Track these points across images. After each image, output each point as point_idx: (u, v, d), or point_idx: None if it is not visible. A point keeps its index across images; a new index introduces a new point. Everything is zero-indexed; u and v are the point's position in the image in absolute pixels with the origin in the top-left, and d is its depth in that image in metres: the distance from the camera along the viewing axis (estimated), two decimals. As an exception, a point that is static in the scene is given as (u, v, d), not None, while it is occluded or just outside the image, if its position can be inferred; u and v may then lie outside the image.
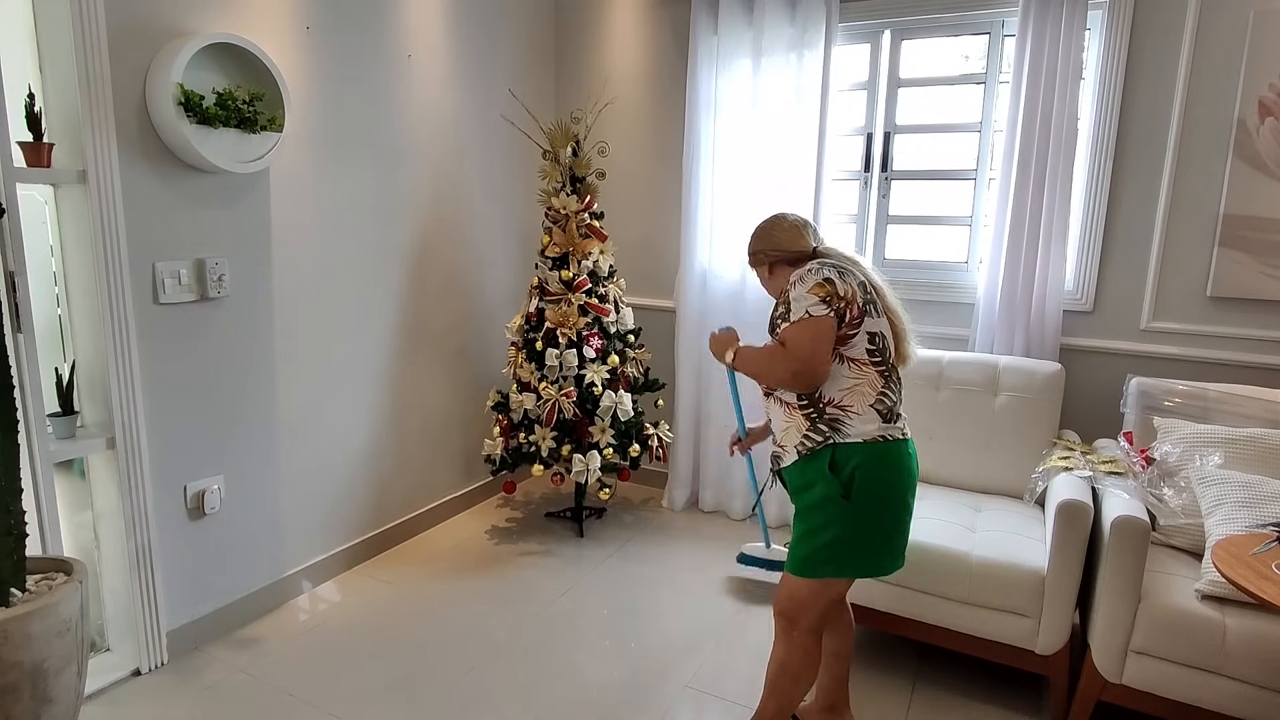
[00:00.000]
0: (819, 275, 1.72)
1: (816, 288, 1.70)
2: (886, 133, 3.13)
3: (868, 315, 1.73)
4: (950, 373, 2.68)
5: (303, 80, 2.54)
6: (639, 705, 2.20)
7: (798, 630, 1.81)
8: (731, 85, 3.21)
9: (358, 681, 2.27)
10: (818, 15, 3.00)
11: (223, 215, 2.36)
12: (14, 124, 1.89)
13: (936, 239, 3.14)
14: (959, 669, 2.38)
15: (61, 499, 2.11)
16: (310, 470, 2.75)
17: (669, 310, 3.62)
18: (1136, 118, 2.67)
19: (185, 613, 2.39)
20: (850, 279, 1.73)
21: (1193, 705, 1.92)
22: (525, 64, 3.55)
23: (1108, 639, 1.98)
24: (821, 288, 1.70)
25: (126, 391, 2.14)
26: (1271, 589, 1.49)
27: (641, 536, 3.28)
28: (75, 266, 2.10)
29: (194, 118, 2.13)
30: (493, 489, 3.68)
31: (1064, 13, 2.62)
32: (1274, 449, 2.14)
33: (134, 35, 2.08)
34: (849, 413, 1.72)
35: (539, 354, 3.08)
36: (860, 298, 1.72)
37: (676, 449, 3.52)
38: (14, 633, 1.60)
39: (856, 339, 1.72)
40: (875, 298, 1.78)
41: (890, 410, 1.74)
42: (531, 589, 2.82)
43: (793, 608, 1.81)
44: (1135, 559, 1.91)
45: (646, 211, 3.63)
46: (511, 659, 2.40)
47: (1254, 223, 2.53)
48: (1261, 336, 2.57)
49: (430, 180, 3.11)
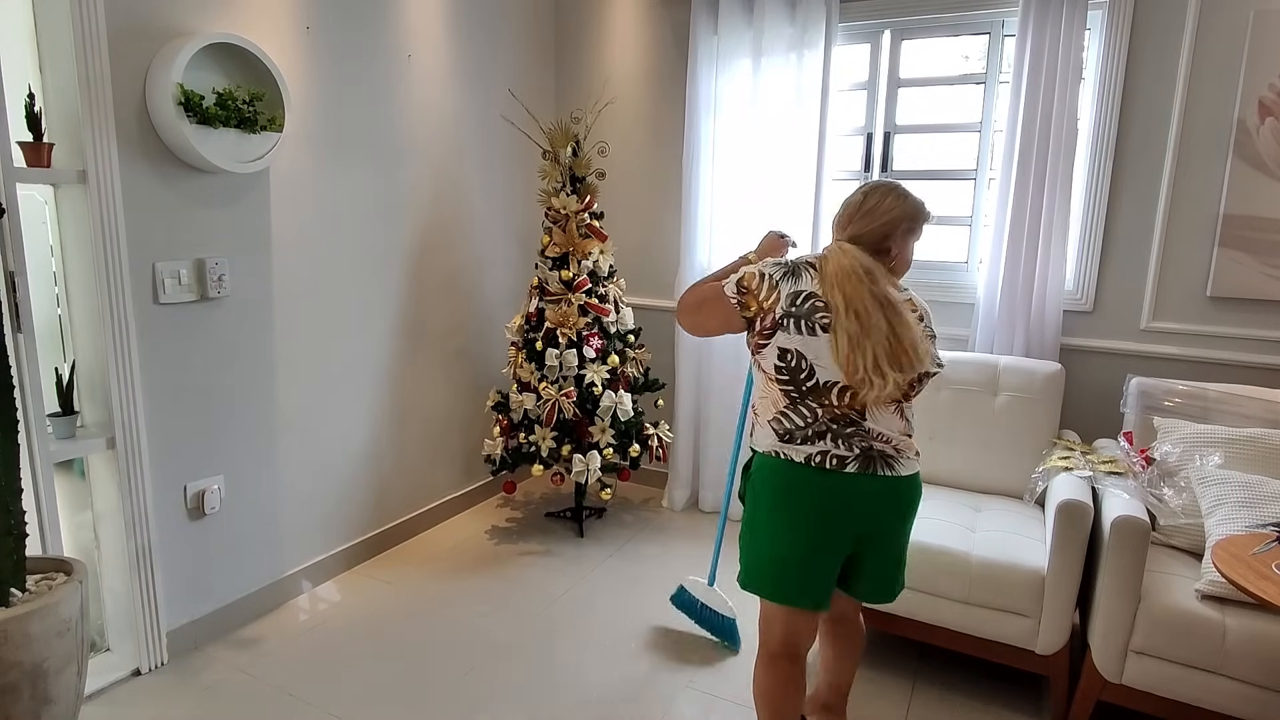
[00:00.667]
0: (762, 266, 1.65)
1: (748, 275, 1.64)
2: (886, 133, 3.13)
3: (782, 329, 1.58)
4: (950, 373, 2.68)
5: (303, 80, 2.54)
6: (639, 705, 2.19)
7: (766, 651, 1.72)
8: (731, 85, 3.21)
9: (358, 681, 2.27)
10: (818, 15, 3.00)
11: (223, 215, 2.36)
12: (14, 124, 1.89)
13: (936, 239, 3.14)
14: (959, 669, 2.38)
15: (61, 499, 2.11)
16: (310, 470, 2.75)
17: (669, 310, 3.62)
18: (1136, 118, 2.67)
19: (185, 613, 2.39)
20: (787, 285, 1.59)
21: (1193, 705, 1.92)
22: (525, 64, 3.55)
23: (1108, 639, 1.98)
24: (751, 277, 1.64)
25: (126, 391, 2.14)
26: (1271, 589, 1.49)
27: (641, 536, 3.28)
28: (75, 266, 2.10)
29: (194, 118, 2.13)
30: (493, 489, 3.68)
31: (1064, 13, 2.62)
32: (1274, 449, 2.14)
33: (134, 35, 2.08)
34: (759, 419, 1.67)
35: (539, 354, 3.08)
36: (781, 309, 1.58)
37: (676, 449, 3.52)
38: (14, 633, 1.60)
39: (766, 350, 1.61)
40: (812, 314, 1.56)
41: (790, 432, 1.59)
42: (531, 589, 2.82)
43: (760, 625, 1.74)
44: (1135, 559, 1.91)
45: (646, 211, 3.63)
46: (511, 659, 2.40)
47: (1254, 223, 2.53)
48: (1261, 336, 2.57)
49: (430, 180, 3.11)
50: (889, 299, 1.56)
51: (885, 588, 1.75)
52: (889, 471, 1.60)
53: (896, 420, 1.62)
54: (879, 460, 1.60)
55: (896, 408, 1.62)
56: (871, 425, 1.59)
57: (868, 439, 1.59)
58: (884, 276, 1.59)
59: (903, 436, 1.63)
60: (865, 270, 1.57)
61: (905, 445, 1.64)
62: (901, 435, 1.63)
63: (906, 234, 1.65)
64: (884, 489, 1.61)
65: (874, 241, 1.63)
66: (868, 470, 1.59)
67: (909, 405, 1.65)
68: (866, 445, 1.59)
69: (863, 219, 1.64)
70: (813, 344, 1.56)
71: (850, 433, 1.58)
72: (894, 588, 1.76)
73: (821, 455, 1.58)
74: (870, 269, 1.58)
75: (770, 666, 1.72)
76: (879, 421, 1.60)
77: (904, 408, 1.64)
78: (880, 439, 1.60)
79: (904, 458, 1.63)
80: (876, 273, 1.58)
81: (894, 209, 1.63)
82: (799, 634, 1.69)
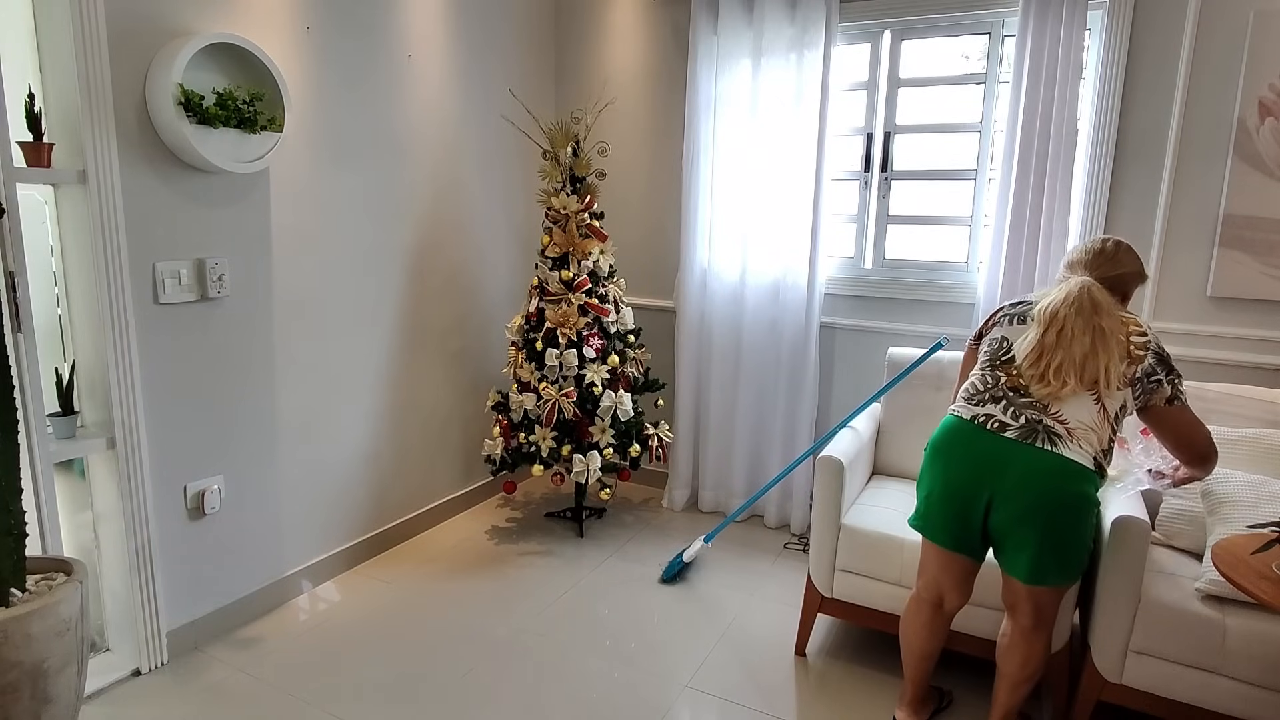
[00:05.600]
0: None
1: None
2: (886, 133, 3.13)
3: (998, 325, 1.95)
4: (951, 373, 2.68)
5: (303, 80, 2.54)
6: (639, 705, 2.20)
7: (914, 592, 2.03)
8: (731, 85, 3.21)
9: (358, 681, 2.27)
10: (818, 15, 3.00)
11: (223, 215, 2.36)
12: (14, 124, 1.89)
13: (936, 239, 3.14)
14: (959, 669, 2.38)
15: (61, 499, 2.11)
16: (310, 470, 2.75)
17: (669, 310, 3.62)
18: (1136, 118, 2.67)
19: (185, 613, 2.39)
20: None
21: (1193, 705, 1.92)
22: (525, 64, 3.55)
23: (1108, 639, 1.98)
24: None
25: (126, 391, 2.14)
26: (1271, 589, 1.49)
27: (641, 537, 3.28)
28: (75, 266, 2.10)
29: (194, 118, 2.13)
30: (493, 489, 3.68)
31: (1064, 13, 2.62)
32: (1274, 449, 2.14)
33: (134, 35, 2.08)
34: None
35: (539, 354, 3.08)
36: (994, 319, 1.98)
37: (676, 449, 3.52)
38: (14, 633, 1.60)
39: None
40: (1011, 316, 1.93)
41: (966, 392, 1.91)
42: (531, 589, 2.82)
43: (919, 568, 2.03)
44: (1135, 559, 1.91)
45: (646, 211, 3.63)
46: (511, 659, 2.40)
47: (1254, 223, 2.53)
48: (1261, 336, 2.57)
49: (430, 180, 3.11)
50: (1102, 330, 1.77)
51: (1028, 563, 1.78)
52: (1050, 447, 1.74)
53: (1087, 412, 1.76)
54: (1043, 433, 1.76)
55: (1096, 400, 1.76)
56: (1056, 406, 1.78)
57: (1040, 413, 1.78)
58: (1110, 316, 1.79)
59: (1084, 426, 1.75)
60: (1094, 304, 1.79)
61: (1082, 433, 1.75)
62: (1082, 424, 1.75)
63: (1137, 287, 1.93)
64: (1038, 460, 1.74)
65: (1116, 285, 1.88)
66: (1028, 440, 1.76)
67: (1105, 405, 1.77)
68: (1037, 418, 1.77)
69: (1112, 263, 1.89)
70: (1000, 331, 1.92)
71: (1024, 403, 1.80)
72: (1037, 569, 1.77)
73: (966, 405, 1.87)
74: (1099, 305, 1.79)
75: (911, 605, 2.03)
76: (1067, 406, 1.77)
77: (1105, 406, 1.77)
78: (1056, 417, 1.76)
79: (1073, 442, 1.75)
80: (1104, 310, 1.79)
81: (1135, 262, 1.90)
82: (938, 579, 1.95)
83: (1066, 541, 1.75)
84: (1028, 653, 1.86)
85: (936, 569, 1.95)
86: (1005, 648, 1.90)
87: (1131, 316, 1.81)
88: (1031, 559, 1.76)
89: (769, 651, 2.47)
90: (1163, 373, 1.77)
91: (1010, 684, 1.89)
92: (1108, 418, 1.76)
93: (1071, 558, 1.76)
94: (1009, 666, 1.89)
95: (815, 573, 2.40)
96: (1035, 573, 1.77)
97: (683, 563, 2.91)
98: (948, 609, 1.98)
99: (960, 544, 1.87)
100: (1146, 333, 1.79)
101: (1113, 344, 1.75)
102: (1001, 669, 1.91)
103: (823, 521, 2.35)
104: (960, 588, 1.94)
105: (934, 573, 1.95)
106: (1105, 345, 1.75)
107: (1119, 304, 1.86)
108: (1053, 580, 1.78)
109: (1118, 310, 1.81)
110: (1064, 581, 1.78)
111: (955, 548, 1.88)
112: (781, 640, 2.53)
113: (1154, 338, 1.79)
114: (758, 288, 3.27)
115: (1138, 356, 1.76)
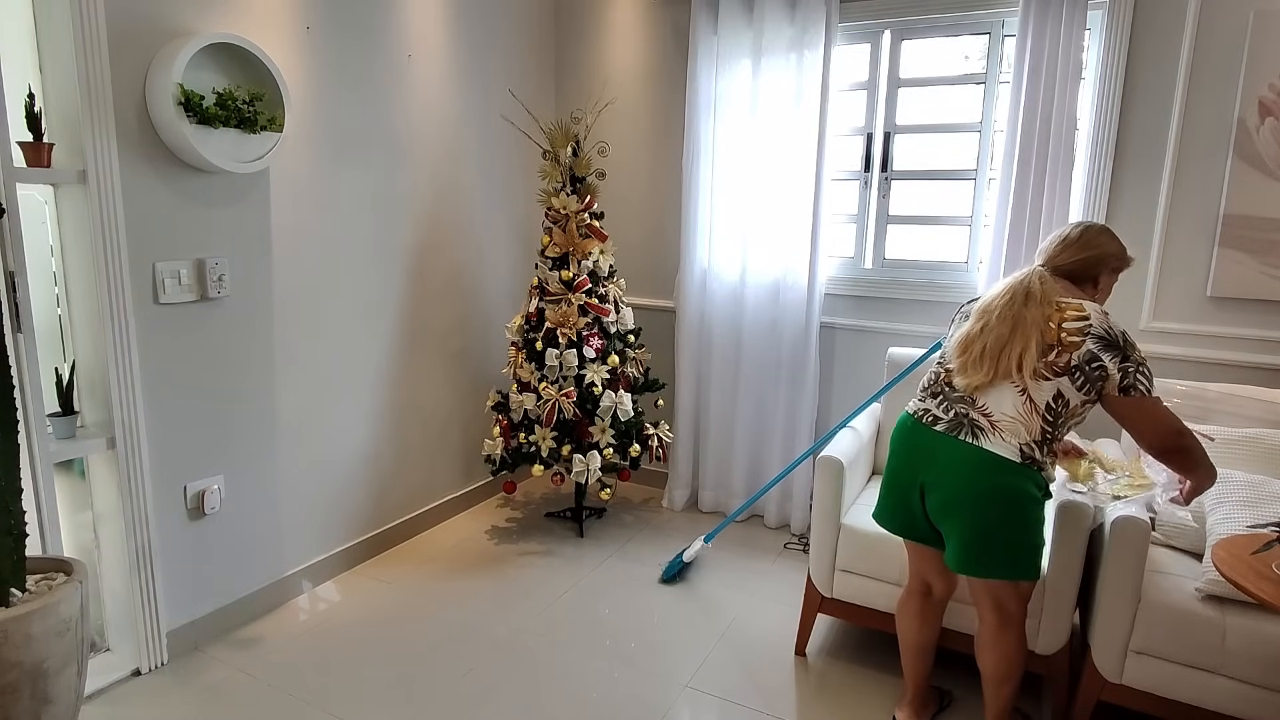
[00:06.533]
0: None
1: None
2: (886, 133, 3.13)
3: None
4: (950, 373, 2.68)
5: (303, 80, 2.54)
6: (639, 705, 2.20)
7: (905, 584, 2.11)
8: (731, 85, 3.21)
9: (358, 681, 2.27)
10: (818, 15, 3.00)
11: (223, 215, 2.36)
12: (14, 124, 1.89)
13: (936, 239, 3.14)
14: (959, 669, 2.38)
15: (61, 499, 2.11)
16: (310, 470, 2.75)
17: (669, 310, 3.62)
18: (1136, 118, 2.67)
19: (185, 613, 2.39)
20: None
21: (1193, 705, 1.92)
22: (525, 64, 3.55)
23: (1108, 639, 1.98)
24: None
25: (126, 391, 2.14)
26: (1271, 589, 1.49)
27: (641, 536, 3.28)
28: (75, 266, 2.10)
29: (194, 118, 2.13)
30: (493, 489, 3.68)
31: (1064, 13, 2.62)
32: (1274, 449, 2.14)
33: (134, 35, 2.08)
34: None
35: (539, 354, 3.08)
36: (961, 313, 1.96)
37: (676, 449, 3.52)
38: (14, 633, 1.60)
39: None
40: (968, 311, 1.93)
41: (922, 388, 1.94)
42: (531, 589, 2.82)
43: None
44: (1135, 559, 1.91)
45: (646, 211, 3.63)
46: (511, 659, 2.40)
47: (1254, 223, 2.53)
48: (1261, 336, 2.57)
49: (430, 180, 3.11)
50: (1022, 317, 1.74)
51: (955, 552, 1.82)
52: (972, 440, 1.76)
53: (1010, 403, 1.74)
54: (968, 426, 1.77)
55: (1021, 392, 1.73)
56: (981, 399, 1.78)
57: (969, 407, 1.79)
58: (1041, 304, 1.75)
59: (1007, 418, 1.74)
60: (1026, 293, 1.76)
61: (1006, 425, 1.73)
62: (1006, 416, 1.74)
63: (1113, 271, 1.87)
64: (958, 451, 1.77)
65: (1079, 271, 1.83)
66: (953, 433, 1.79)
67: (1031, 396, 1.73)
68: (965, 411, 1.79)
69: (1074, 249, 1.83)
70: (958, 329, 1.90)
71: (955, 397, 1.82)
72: (962, 558, 1.80)
73: (918, 402, 1.91)
74: (1032, 293, 1.76)
75: (902, 596, 2.09)
76: (990, 397, 1.76)
77: (1031, 397, 1.72)
78: (981, 410, 1.77)
79: (996, 434, 1.74)
80: (1035, 298, 1.75)
81: (1107, 245, 1.84)
82: (918, 567, 2.02)
83: (991, 533, 1.75)
84: (999, 651, 1.86)
85: (914, 557, 2.03)
86: (978, 647, 1.92)
87: (1075, 303, 1.73)
88: (958, 548, 1.80)
89: (769, 651, 2.47)
90: (1108, 359, 1.67)
91: (992, 683, 1.90)
92: (1035, 409, 1.71)
93: (1000, 550, 1.76)
94: (985, 666, 1.90)
95: (815, 573, 2.40)
96: (963, 562, 1.79)
97: (683, 563, 2.91)
98: (936, 595, 2.03)
99: (910, 531, 1.94)
100: (1088, 317, 1.69)
101: (1031, 332, 1.71)
102: (980, 668, 1.92)
103: (823, 521, 2.35)
104: (941, 574, 2.00)
105: (913, 561, 2.03)
106: (1022, 333, 1.72)
107: (1076, 290, 1.81)
108: (983, 572, 1.78)
109: (1058, 298, 1.75)
110: (1001, 575, 1.78)
111: (908, 535, 1.95)
112: (781, 640, 2.53)
113: (1099, 323, 1.69)
114: (758, 288, 3.27)
115: (1071, 344, 1.68)
